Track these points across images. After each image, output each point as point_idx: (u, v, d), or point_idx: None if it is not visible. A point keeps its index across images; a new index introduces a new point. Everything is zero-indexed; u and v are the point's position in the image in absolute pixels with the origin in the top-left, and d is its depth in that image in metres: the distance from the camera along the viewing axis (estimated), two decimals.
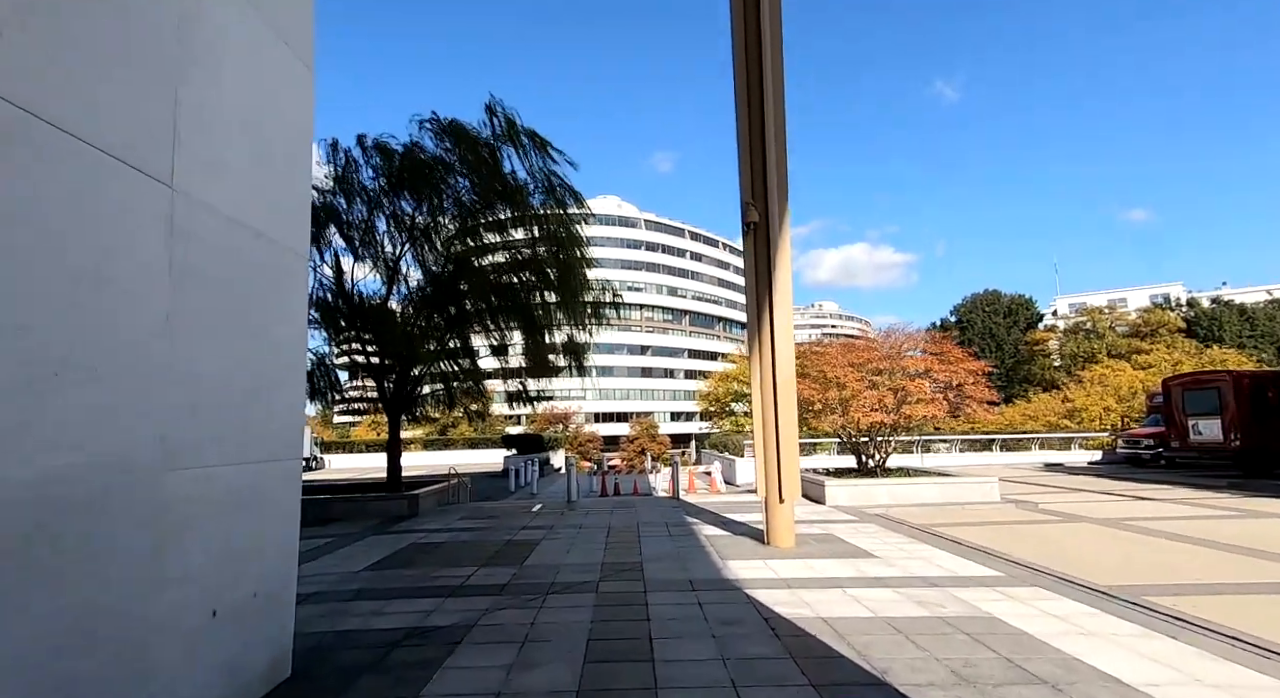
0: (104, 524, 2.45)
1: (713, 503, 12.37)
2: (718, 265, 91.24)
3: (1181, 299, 74.72)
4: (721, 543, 8.03)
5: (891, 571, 6.34)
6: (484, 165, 12.75)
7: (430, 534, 9.37)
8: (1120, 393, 28.99)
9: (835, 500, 11.66)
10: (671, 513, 11.02)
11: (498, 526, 10.09)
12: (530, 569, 6.71)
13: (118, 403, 2.53)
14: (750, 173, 8.15)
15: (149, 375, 2.69)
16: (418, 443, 46.76)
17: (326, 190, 13.36)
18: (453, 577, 6.41)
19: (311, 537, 9.37)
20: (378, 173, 13.36)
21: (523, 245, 13.86)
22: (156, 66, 2.83)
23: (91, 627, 2.38)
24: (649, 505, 12.37)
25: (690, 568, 6.60)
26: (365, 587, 6.10)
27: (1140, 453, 19.30)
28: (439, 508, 12.66)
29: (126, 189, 2.62)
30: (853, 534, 8.57)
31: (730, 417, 36.11)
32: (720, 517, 10.35)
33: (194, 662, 2.94)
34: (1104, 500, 11.81)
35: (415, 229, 13.42)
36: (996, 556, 7.02)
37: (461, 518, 11.10)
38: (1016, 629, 4.41)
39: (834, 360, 12.61)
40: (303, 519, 11.18)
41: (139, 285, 2.67)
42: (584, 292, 13.65)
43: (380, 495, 11.85)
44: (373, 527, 10.29)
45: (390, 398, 13.96)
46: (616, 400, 77.00)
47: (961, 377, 11.52)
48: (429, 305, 13.83)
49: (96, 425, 2.43)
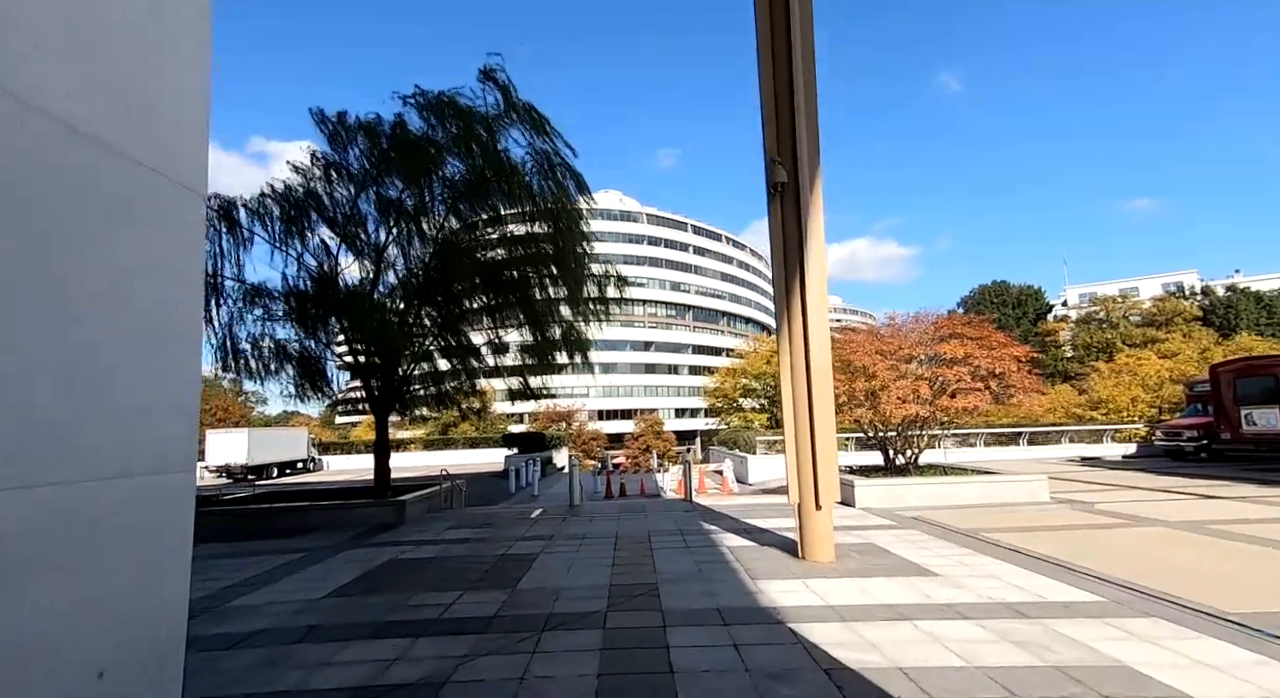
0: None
1: (729, 506, 11.26)
2: (721, 260, 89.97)
3: (1196, 287, 73.19)
4: (748, 557, 6.91)
5: (962, 594, 5.21)
6: (477, 143, 11.60)
7: (414, 547, 8.27)
8: (1148, 383, 27.71)
9: (865, 502, 10.53)
10: (685, 518, 9.91)
11: (491, 536, 8.99)
12: (524, 595, 5.61)
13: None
14: (775, 124, 7.00)
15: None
16: (418, 443, 45.79)
17: (303, 169, 12.28)
18: (430, 606, 5.31)
19: (279, 551, 8.30)
20: (363, 154, 12.27)
21: (520, 231, 12.74)
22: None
23: None
24: (659, 509, 11.27)
25: (716, 592, 5.49)
26: (321, 622, 4.99)
27: (1182, 445, 18.06)
28: (429, 515, 11.57)
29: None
30: (897, 543, 7.44)
31: (739, 413, 34.94)
32: (741, 523, 9.24)
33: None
34: (1165, 500, 10.65)
35: (402, 213, 12.30)
36: (1079, 571, 5.88)
37: (452, 527, 10.01)
38: (1179, 693, 3.27)
39: (860, 348, 11.46)
40: (276, 530, 9.90)
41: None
42: (586, 280, 12.52)
43: (364, 502, 10.77)
44: (352, 538, 9.21)
45: (378, 396, 12.89)
46: (620, 397, 75.95)
47: (1006, 364, 10.37)
48: (418, 297, 12.73)
49: None
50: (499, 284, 12.36)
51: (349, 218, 12.38)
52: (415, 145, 11.59)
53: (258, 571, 7.18)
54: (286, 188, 12.15)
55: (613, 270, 13.45)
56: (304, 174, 12.30)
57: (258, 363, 11.74)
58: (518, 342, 13.30)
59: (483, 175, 11.82)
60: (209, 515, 10.38)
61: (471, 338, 13.80)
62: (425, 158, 11.56)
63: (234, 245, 11.63)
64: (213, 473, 31.94)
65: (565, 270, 12.31)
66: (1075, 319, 69.20)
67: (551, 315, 12.66)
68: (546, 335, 12.67)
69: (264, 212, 12.00)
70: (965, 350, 10.35)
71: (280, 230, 12.09)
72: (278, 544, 8.90)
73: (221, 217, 11.60)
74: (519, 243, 12.52)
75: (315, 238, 12.38)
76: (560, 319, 12.70)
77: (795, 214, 6.88)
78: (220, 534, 9.84)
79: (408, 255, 12.69)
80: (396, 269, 12.96)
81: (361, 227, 12.61)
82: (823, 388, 6.72)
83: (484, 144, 11.53)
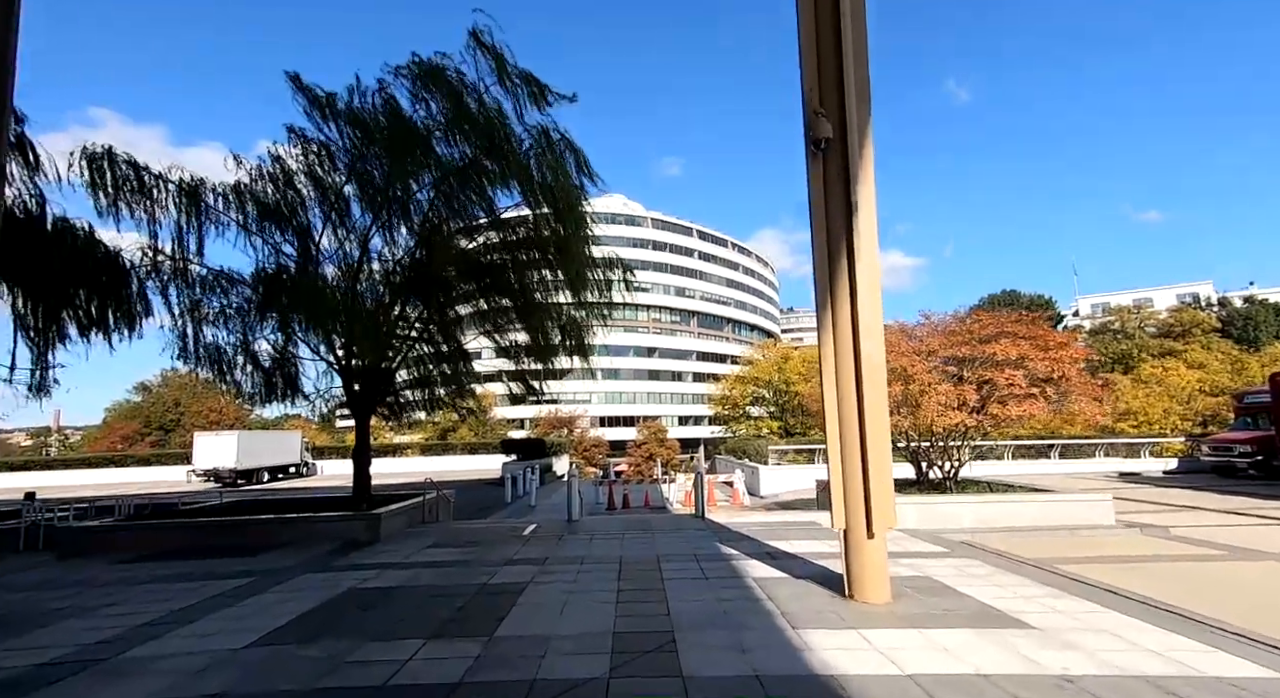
0: None
1: (747, 524, 9.98)
2: (727, 266, 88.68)
3: (1212, 298, 71.60)
4: (782, 593, 5.64)
5: (1077, 659, 3.94)
6: (466, 119, 10.40)
7: (381, 572, 7.02)
8: (1178, 394, 26.26)
9: (904, 522, 9.24)
10: (699, 539, 8.65)
11: (476, 558, 7.74)
12: (503, 646, 4.36)
13: None
14: (817, 70, 5.79)
15: None
16: (415, 448, 44.55)
17: (278, 156, 11.12)
18: (377, 665, 4.07)
19: (225, 575, 7.07)
20: (343, 136, 11.09)
21: (515, 215, 11.54)
22: None
23: None
24: (668, 526, 10.00)
25: (750, 646, 4.23)
26: (225, 691, 3.75)
27: (1234, 461, 16.65)
28: (409, 530, 10.32)
29: None
30: (959, 578, 6.17)
31: (748, 421, 33.57)
32: (764, 546, 7.97)
33: None
34: (1250, 524, 9.34)
35: (385, 199, 11.10)
36: (1214, 626, 4.60)
37: (432, 545, 8.77)
38: None
39: (894, 347, 10.20)
40: (232, 547, 8.42)
41: None
42: (589, 268, 11.28)
43: (335, 515, 9.53)
44: (315, 559, 7.97)
45: (358, 396, 11.68)
46: (623, 404, 74.55)
47: (1065, 367, 9.10)
48: (403, 289, 11.55)
49: None
50: (490, 271, 11.16)
51: (328, 203, 11.21)
52: (397, 121, 10.40)
53: (188, 601, 5.95)
54: (263, 167, 11.02)
55: (621, 262, 12.21)
56: (279, 162, 11.13)
57: (217, 355, 10.58)
58: (514, 340, 12.09)
59: (475, 154, 10.64)
60: (159, 529, 9.17)
61: (463, 336, 12.62)
62: (409, 137, 10.36)
63: (196, 227, 10.49)
64: (200, 477, 30.68)
65: (566, 256, 11.08)
66: (1089, 329, 67.63)
67: (549, 309, 11.44)
68: (543, 327, 11.45)
69: (238, 195, 10.86)
70: (1019, 351, 9.08)
71: (253, 214, 10.97)
72: (227, 565, 7.67)
73: (186, 194, 10.46)
74: (513, 227, 11.32)
75: (290, 223, 11.22)
76: (559, 311, 11.48)
77: (841, 176, 5.66)
78: (170, 552, 8.62)
79: (392, 240, 11.53)
80: (383, 258, 11.80)
81: (342, 213, 11.44)
82: (875, 387, 5.48)
83: (473, 117, 10.33)
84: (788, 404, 32.31)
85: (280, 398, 12.13)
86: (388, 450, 43.56)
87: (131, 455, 42.00)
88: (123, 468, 38.36)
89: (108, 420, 58.04)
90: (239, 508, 10.98)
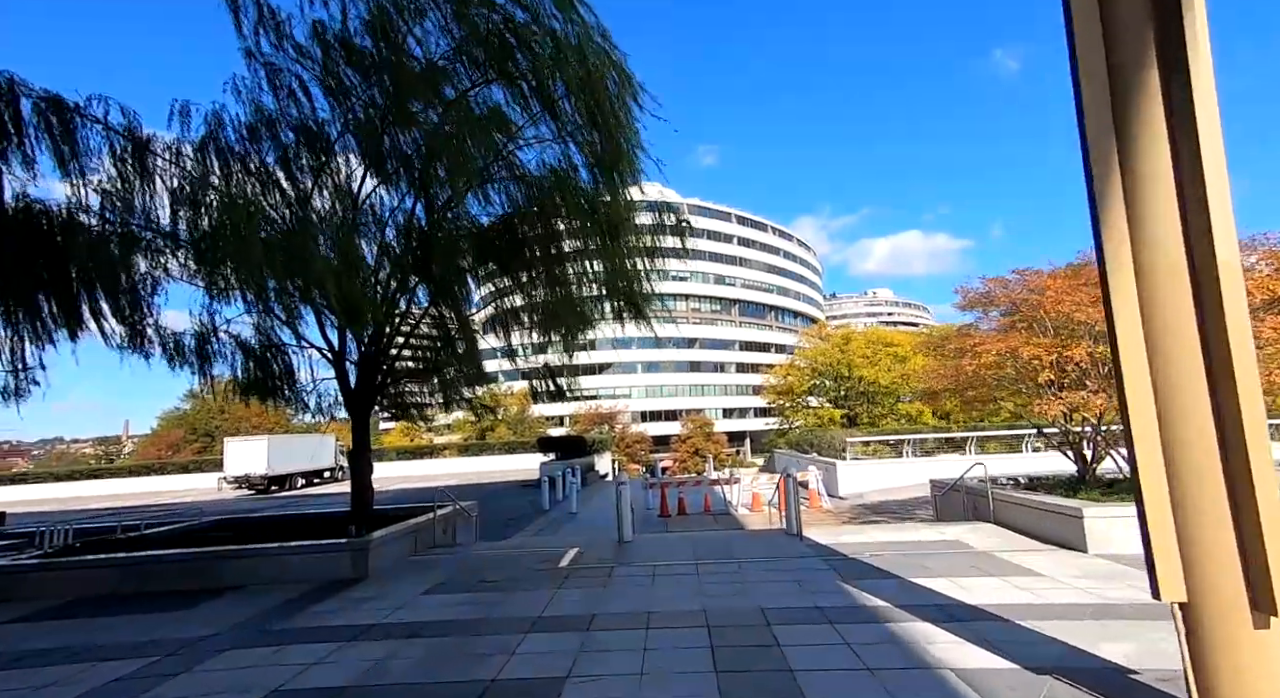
0: None
1: (862, 545, 7.22)
2: (767, 251, 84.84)
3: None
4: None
5: None
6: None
7: (342, 649, 4.58)
8: None
9: (1108, 546, 6.36)
10: (811, 576, 5.97)
11: (486, 616, 5.24)
12: None
13: None
14: None
15: None
16: (453, 449, 43.14)
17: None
18: None
19: (122, 652, 4.76)
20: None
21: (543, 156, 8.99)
22: None
23: None
24: (757, 552, 7.33)
25: None
26: None
27: None
28: (412, 558, 7.94)
29: None
30: None
31: (805, 410, 30.49)
32: (921, 591, 5.22)
33: None
34: None
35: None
36: None
37: (433, 588, 6.34)
38: None
39: (1060, 298, 7.26)
40: (170, 596, 5.60)
41: None
42: (633, 211, 8.68)
43: (315, 546, 7.18)
44: (264, 615, 5.62)
45: (354, 389, 9.42)
46: (664, 398, 71.97)
47: None
48: (403, 257, 9.19)
49: None
50: (506, 225, 8.68)
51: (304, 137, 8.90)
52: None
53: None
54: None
55: (672, 208, 9.57)
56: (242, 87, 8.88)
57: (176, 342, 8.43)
58: (537, 309, 9.60)
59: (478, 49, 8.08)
60: (88, 568, 7.02)
61: (475, 316, 10.24)
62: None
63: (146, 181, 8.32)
64: (231, 484, 29.49)
65: (604, 206, 8.49)
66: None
67: (585, 267, 8.90)
68: (574, 296, 8.91)
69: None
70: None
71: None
72: (141, 628, 5.40)
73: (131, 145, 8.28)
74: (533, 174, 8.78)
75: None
76: (594, 272, 8.93)
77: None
78: (89, 599, 6.48)
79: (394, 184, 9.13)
80: (375, 210, 9.47)
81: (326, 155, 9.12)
82: (1240, 330, 2.72)
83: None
84: (851, 390, 29.04)
85: (265, 395, 10.00)
86: (425, 451, 42.34)
87: (172, 463, 41.79)
88: (163, 475, 37.96)
89: (156, 429, 58.79)
90: (200, 535, 8.79)
